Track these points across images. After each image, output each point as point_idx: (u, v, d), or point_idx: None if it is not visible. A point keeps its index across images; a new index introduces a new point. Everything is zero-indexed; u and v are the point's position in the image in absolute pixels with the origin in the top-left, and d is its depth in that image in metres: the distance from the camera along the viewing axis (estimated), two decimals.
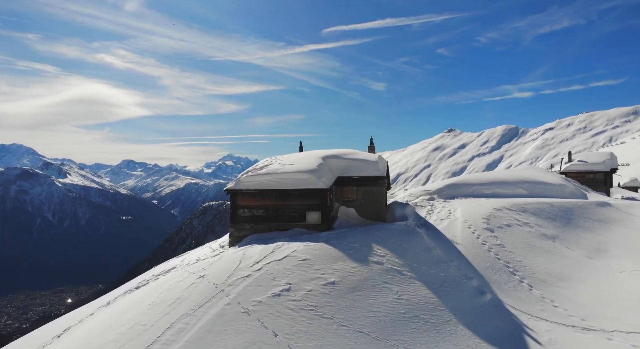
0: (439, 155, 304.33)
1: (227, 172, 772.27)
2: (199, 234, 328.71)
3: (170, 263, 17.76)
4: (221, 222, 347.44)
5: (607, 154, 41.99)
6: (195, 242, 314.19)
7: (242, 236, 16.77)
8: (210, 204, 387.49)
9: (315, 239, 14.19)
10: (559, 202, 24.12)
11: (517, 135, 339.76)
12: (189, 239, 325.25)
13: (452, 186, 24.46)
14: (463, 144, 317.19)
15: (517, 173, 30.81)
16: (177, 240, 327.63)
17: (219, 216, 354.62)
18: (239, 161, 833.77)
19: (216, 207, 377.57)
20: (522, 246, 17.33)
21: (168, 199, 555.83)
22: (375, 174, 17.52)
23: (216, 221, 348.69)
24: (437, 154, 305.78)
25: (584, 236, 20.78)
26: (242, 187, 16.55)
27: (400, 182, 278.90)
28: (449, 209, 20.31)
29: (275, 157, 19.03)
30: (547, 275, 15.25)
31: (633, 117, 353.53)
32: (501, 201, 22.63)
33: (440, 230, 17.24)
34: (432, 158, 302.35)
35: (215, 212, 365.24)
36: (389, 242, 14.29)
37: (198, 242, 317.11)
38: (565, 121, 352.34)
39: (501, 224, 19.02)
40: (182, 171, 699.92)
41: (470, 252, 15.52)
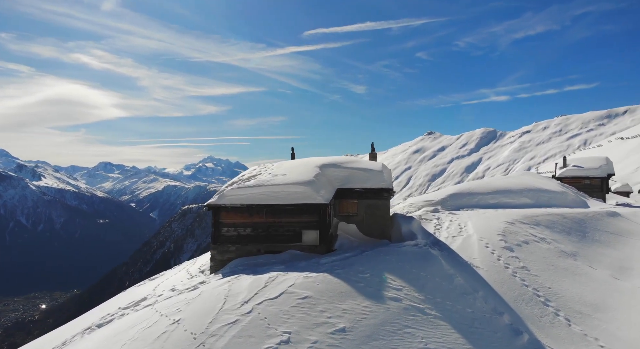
0: (419, 157, 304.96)
1: (207, 175, 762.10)
2: (178, 238, 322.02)
3: (141, 290, 15.14)
4: (201, 226, 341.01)
5: (602, 159, 40.72)
6: (174, 245, 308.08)
7: (226, 259, 14.29)
8: (190, 207, 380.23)
9: (316, 267, 11.82)
10: (570, 214, 22.29)
11: (495, 138, 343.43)
12: (168, 243, 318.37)
13: (456, 196, 22.40)
14: (443, 147, 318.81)
15: (518, 180, 29.00)
16: (155, 244, 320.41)
17: (199, 219, 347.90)
18: (219, 163, 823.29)
19: (196, 210, 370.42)
20: (546, 267, 15.29)
21: (146, 202, 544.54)
22: (380, 185, 15.25)
23: (196, 224, 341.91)
24: (418, 157, 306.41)
25: (603, 252, 18.94)
26: (227, 202, 14.08)
27: None
28: (459, 224, 18.20)
29: (264, 165, 16.59)
30: (581, 304, 13.22)
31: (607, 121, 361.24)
32: (511, 213, 20.65)
33: (454, 250, 15.08)
34: (413, 160, 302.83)
35: (195, 215, 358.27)
36: (403, 270, 12.02)
37: (177, 246, 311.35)
38: (542, 124, 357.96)
39: (518, 241, 16.98)
40: (161, 173, 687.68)
41: (494, 279, 13.37)
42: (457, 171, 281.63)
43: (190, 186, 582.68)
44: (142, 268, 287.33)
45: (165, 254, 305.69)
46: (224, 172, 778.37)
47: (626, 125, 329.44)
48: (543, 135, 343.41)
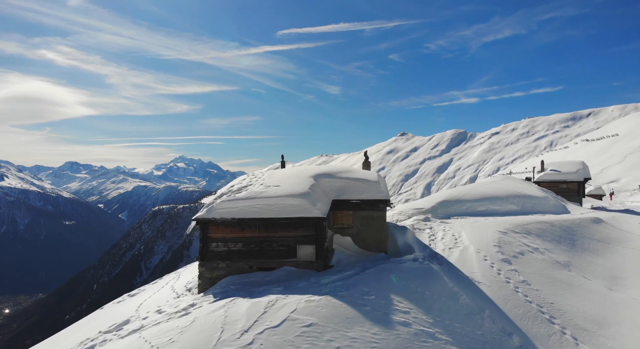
0: (392, 158, 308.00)
1: (179, 175, 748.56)
2: (148, 240, 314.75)
3: (122, 310, 14.05)
4: (172, 227, 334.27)
5: (579, 164, 41.40)
6: (145, 248, 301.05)
7: (216, 277, 13.39)
8: (161, 208, 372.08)
9: (317, 288, 11.07)
10: (558, 221, 22.26)
11: (465, 139, 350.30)
12: (138, 245, 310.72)
13: (445, 203, 22.04)
14: (415, 148, 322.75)
15: (502, 186, 28.96)
16: (124, 246, 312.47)
17: (170, 221, 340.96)
18: (191, 163, 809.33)
19: (167, 211, 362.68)
20: (545, 280, 14.99)
21: (115, 203, 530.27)
22: (377, 196, 14.62)
23: (167, 226, 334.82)
24: (391, 157, 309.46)
25: (593, 261, 18.87)
26: (217, 215, 13.17)
27: None
28: (453, 234, 17.77)
29: (254, 175, 15.73)
30: (584, 320, 12.92)
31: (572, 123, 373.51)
32: (502, 222, 20.41)
33: (453, 264, 14.59)
34: (387, 161, 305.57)
35: (166, 216, 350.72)
36: (408, 289, 11.41)
37: (147, 248, 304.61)
38: (510, 126, 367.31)
39: (514, 252, 16.67)
40: (131, 174, 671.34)
41: (498, 295, 12.93)
42: (429, 172, 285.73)
43: (161, 186, 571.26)
44: (110, 270, 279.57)
45: (135, 256, 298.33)
46: (196, 172, 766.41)
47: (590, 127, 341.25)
48: (511, 136, 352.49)
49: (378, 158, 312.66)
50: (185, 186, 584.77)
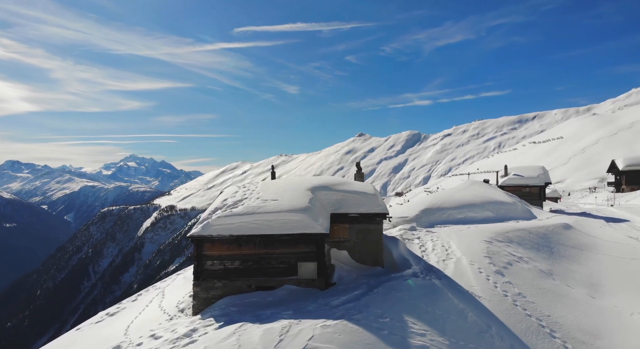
0: (351, 158, 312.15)
1: (130, 174, 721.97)
2: (97, 242, 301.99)
3: (108, 333, 13.00)
4: (123, 229, 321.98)
5: (540, 169, 43.11)
6: (93, 251, 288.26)
7: (211, 297, 12.65)
8: (110, 209, 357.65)
9: (327, 310, 10.62)
10: (534, 228, 22.93)
11: (419, 140, 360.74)
12: (86, 248, 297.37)
13: (428, 211, 22.18)
14: (372, 148, 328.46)
15: (474, 192, 29.60)
16: (71, 249, 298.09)
17: (120, 222, 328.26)
18: (143, 162, 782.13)
19: (117, 212, 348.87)
20: (536, 291, 15.25)
21: (60, 204, 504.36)
22: (375, 210, 14.35)
23: (117, 228, 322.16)
24: (349, 157, 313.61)
25: (571, 268, 19.49)
26: (213, 232, 12.44)
27: None
28: (442, 244, 17.82)
29: (246, 186, 15.05)
30: (580, 332, 13.18)
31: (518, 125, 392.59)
32: (484, 230, 20.74)
33: (451, 277, 14.56)
34: (345, 161, 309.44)
35: (116, 218, 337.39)
36: (418, 309, 11.18)
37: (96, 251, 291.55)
38: (461, 128, 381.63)
39: (503, 262, 16.90)
40: (77, 173, 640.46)
41: (499, 310, 12.97)
42: (386, 172, 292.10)
43: (110, 186, 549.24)
44: (55, 275, 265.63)
45: (83, 260, 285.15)
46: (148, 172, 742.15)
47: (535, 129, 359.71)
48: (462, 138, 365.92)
49: (337, 158, 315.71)
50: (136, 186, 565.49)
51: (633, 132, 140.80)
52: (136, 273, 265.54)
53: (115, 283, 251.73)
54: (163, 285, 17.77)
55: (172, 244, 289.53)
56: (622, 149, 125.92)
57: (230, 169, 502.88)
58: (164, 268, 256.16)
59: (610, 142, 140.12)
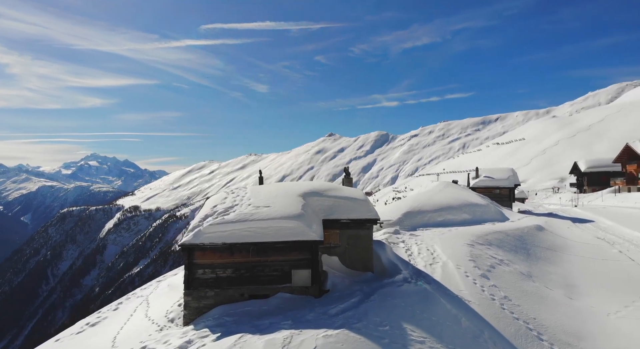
0: (321, 158, 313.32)
1: (91, 174, 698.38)
2: (56, 245, 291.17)
3: (93, 345, 12.50)
4: (84, 230, 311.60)
5: (509, 171, 44.41)
6: (52, 253, 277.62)
7: (203, 306, 12.35)
8: (70, 210, 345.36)
9: (326, 319, 10.55)
10: (510, 230, 23.60)
11: (387, 140, 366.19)
12: (44, 250, 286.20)
13: (409, 215, 22.47)
14: (342, 148, 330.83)
15: (450, 194, 30.20)
16: (28, 251, 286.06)
17: (81, 224, 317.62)
18: (105, 161, 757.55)
19: (77, 213, 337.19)
20: (520, 294, 15.67)
21: (16, 205, 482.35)
22: (367, 216, 14.38)
23: (77, 229, 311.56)
24: (320, 157, 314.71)
25: (547, 269, 20.14)
26: (205, 241, 12.15)
27: None
28: (427, 248, 18.06)
29: (234, 192, 14.77)
30: (564, 334, 13.61)
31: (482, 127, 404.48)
32: (465, 233, 21.19)
33: (440, 281, 14.76)
34: (315, 161, 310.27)
35: (76, 219, 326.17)
36: (416, 316, 11.26)
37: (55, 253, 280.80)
38: (427, 129, 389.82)
39: (487, 265, 17.29)
40: (35, 172, 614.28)
41: (489, 314, 13.23)
42: (355, 171, 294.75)
43: (70, 186, 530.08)
44: (12, 279, 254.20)
45: (41, 262, 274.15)
46: (110, 171, 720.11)
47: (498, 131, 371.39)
48: (429, 138, 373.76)
49: (307, 158, 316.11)
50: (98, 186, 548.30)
51: (590, 134, 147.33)
52: (98, 275, 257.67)
53: (75, 287, 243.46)
54: (145, 293, 17.23)
55: (136, 245, 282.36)
56: (581, 150, 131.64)
57: (197, 169, 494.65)
58: (128, 270, 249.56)
59: (570, 143, 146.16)
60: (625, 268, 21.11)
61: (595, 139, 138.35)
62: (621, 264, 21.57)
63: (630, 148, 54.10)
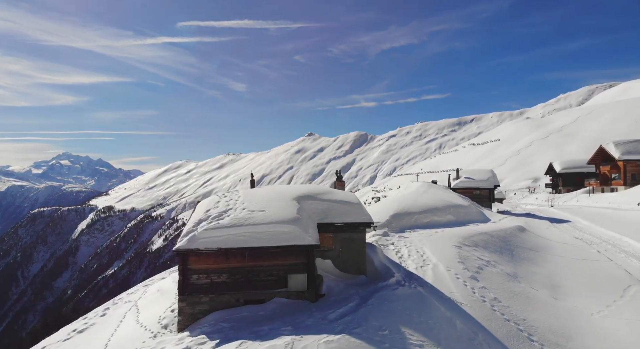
0: (300, 157, 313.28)
1: (63, 174, 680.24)
2: (26, 246, 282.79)
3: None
4: (55, 231, 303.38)
5: (489, 172, 45.23)
6: (22, 255, 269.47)
7: (198, 312, 12.18)
8: (41, 211, 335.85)
9: (326, 325, 10.53)
10: (495, 232, 24.03)
11: (366, 140, 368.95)
12: (14, 252, 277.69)
13: (397, 216, 22.68)
14: (321, 148, 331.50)
15: (434, 196, 30.59)
16: None
17: (53, 224, 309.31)
18: (77, 160, 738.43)
19: (49, 213, 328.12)
20: (508, 295, 15.98)
21: None
22: (361, 219, 14.43)
23: (49, 230, 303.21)
24: (299, 157, 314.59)
25: (531, 269, 20.59)
26: (201, 246, 11.98)
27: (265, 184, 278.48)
28: (417, 250, 18.24)
29: (227, 195, 14.61)
30: (553, 334, 13.94)
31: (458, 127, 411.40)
32: (452, 235, 21.48)
33: (432, 284, 14.93)
34: (295, 160, 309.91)
35: (47, 219, 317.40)
36: (412, 319, 11.35)
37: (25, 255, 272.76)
38: (405, 129, 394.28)
39: (475, 267, 17.58)
40: (4, 172, 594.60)
41: (481, 316, 13.45)
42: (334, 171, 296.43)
43: (41, 186, 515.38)
44: None
45: (10, 264, 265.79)
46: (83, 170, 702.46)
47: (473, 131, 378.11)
48: (406, 139, 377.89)
49: (287, 157, 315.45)
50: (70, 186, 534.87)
51: (562, 136, 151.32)
52: (70, 278, 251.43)
53: (47, 289, 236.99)
54: (133, 298, 16.87)
55: (110, 247, 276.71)
56: (553, 151, 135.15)
57: (173, 168, 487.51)
58: (102, 272, 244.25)
59: (543, 144, 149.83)
60: (604, 267, 21.73)
61: (567, 140, 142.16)
62: (600, 264, 22.21)
63: (604, 150, 55.85)
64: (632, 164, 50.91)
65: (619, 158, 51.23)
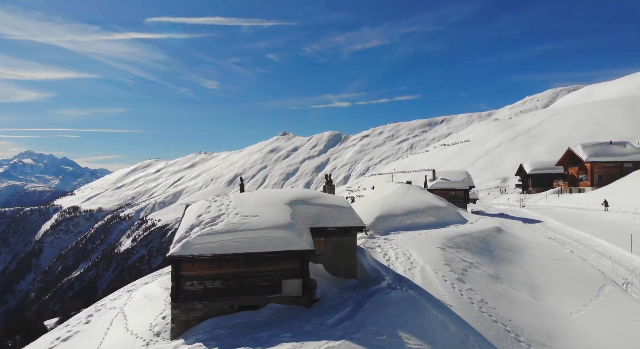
0: (274, 157, 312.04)
1: (25, 173, 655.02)
2: None
3: None
4: (17, 232, 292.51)
5: (464, 173, 46.18)
6: None
7: (192, 319, 12.00)
8: (2, 211, 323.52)
9: (325, 331, 10.55)
10: (475, 233, 24.56)
11: (340, 140, 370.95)
12: None
13: (381, 219, 22.93)
14: (296, 147, 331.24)
15: (413, 197, 31.01)
16: None
17: (15, 225, 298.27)
18: (41, 159, 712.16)
19: (10, 214, 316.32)
20: (493, 296, 16.37)
21: None
22: (353, 224, 14.52)
23: (10, 232, 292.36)
24: (273, 156, 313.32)
25: (510, 270, 21.15)
26: (195, 252, 11.80)
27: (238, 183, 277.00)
28: (404, 253, 18.48)
29: (217, 200, 14.43)
30: (538, 334, 14.37)
31: (428, 128, 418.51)
32: (435, 236, 21.85)
33: (421, 287, 15.15)
34: (269, 160, 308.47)
35: (9, 220, 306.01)
36: (407, 323, 11.50)
37: None
38: (378, 130, 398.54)
39: (460, 269, 17.93)
40: None
41: (470, 318, 13.73)
42: (309, 171, 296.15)
43: (2, 185, 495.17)
44: None
45: None
46: (47, 169, 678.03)
47: (443, 132, 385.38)
48: (379, 139, 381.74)
49: (260, 157, 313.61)
50: (33, 186, 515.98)
51: (529, 137, 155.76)
52: (34, 280, 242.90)
53: (9, 292, 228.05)
54: (117, 304, 16.44)
55: (75, 248, 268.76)
56: (521, 152, 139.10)
57: (142, 167, 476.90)
58: (67, 274, 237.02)
59: (511, 145, 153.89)
60: (578, 267, 22.53)
61: (534, 141, 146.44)
62: (575, 264, 23.01)
63: (572, 152, 57.92)
64: (598, 165, 53.02)
65: (587, 160, 53.27)
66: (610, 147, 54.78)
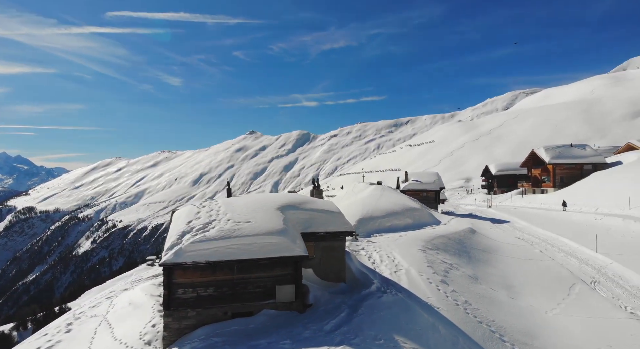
0: (241, 156, 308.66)
1: None
2: None
3: None
4: None
5: (435, 174, 47.19)
6: None
7: (184, 327, 11.80)
8: None
9: (325, 337, 10.60)
10: (451, 234, 25.17)
11: (308, 140, 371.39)
12: None
13: (363, 221, 23.21)
14: (264, 146, 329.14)
15: (391, 199, 31.47)
16: None
17: None
18: None
19: None
20: (475, 297, 16.85)
21: None
22: (343, 228, 14.62)
23: None
24: (240, 155, 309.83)
25: (487, 271, 21.81)
26: (188, 259, 11.60)
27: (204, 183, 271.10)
28: (388, 255, 18.75)
29: (205, 205, 14.21)
30: (520, 334, 14.89)
31: (394, 129, 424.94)
32: (414, 238, 22.28)
33: (409, 289, 15.43)
34: (236, 159, 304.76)
35: None
36: (402, 327, 11.70)
37: None
38: (346, 130, 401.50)
39: (442, 271, 18.36)
40: None
41: (457, 319, 14.10)
42: (277, 170, 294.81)
43: None
44: None
45: None
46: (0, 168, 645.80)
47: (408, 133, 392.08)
48: (347, 139, 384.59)
49: (227, 156, 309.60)
50: None
51: (491, 138, 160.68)
52: None
53: None
54: (99, 311, 15.91)
55: (31, 250, 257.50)
56: (483, 152, 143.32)
57: (102, 166, 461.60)
58: (22, 277, 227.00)
59: (474, 146, 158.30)
60: (549, 266, 23.47)
61: (496, 143, 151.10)
62: (545, 264, 23.95)
63: (535, 154, 60.18)
64: (560, 167, 55.33)
65: (549, 162, 55.48)
66: (571, 150, 57.26)
